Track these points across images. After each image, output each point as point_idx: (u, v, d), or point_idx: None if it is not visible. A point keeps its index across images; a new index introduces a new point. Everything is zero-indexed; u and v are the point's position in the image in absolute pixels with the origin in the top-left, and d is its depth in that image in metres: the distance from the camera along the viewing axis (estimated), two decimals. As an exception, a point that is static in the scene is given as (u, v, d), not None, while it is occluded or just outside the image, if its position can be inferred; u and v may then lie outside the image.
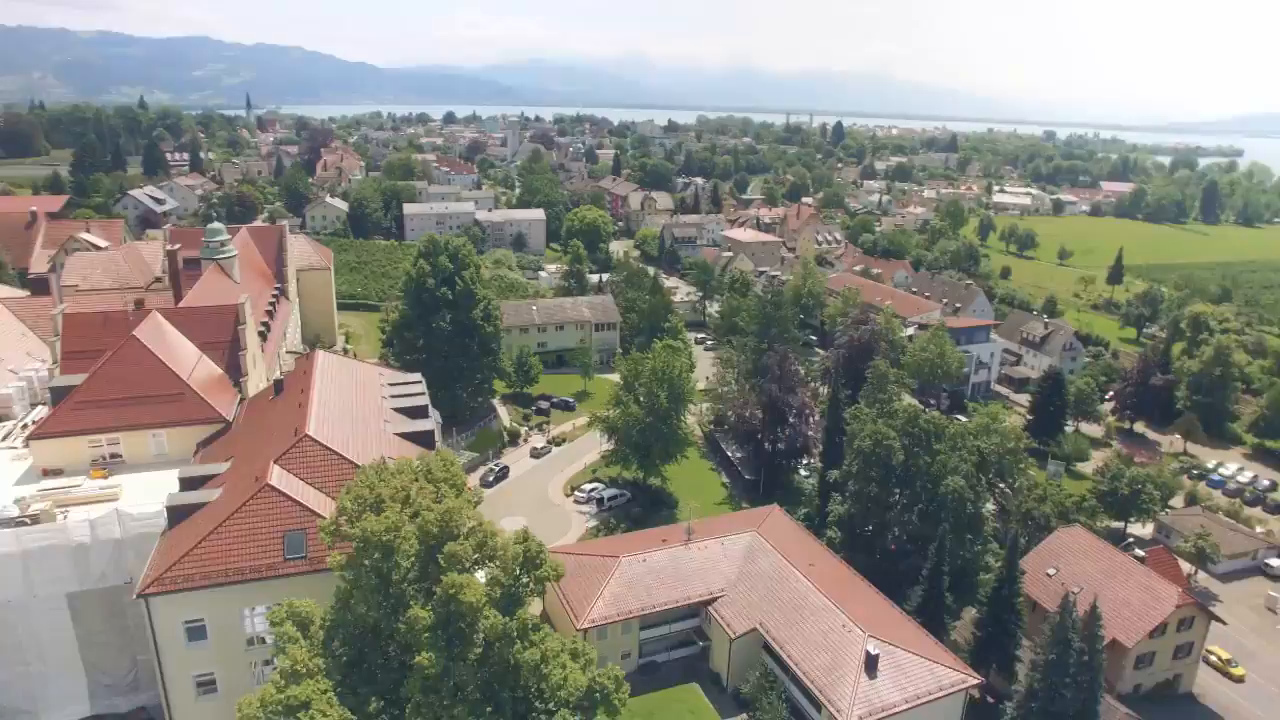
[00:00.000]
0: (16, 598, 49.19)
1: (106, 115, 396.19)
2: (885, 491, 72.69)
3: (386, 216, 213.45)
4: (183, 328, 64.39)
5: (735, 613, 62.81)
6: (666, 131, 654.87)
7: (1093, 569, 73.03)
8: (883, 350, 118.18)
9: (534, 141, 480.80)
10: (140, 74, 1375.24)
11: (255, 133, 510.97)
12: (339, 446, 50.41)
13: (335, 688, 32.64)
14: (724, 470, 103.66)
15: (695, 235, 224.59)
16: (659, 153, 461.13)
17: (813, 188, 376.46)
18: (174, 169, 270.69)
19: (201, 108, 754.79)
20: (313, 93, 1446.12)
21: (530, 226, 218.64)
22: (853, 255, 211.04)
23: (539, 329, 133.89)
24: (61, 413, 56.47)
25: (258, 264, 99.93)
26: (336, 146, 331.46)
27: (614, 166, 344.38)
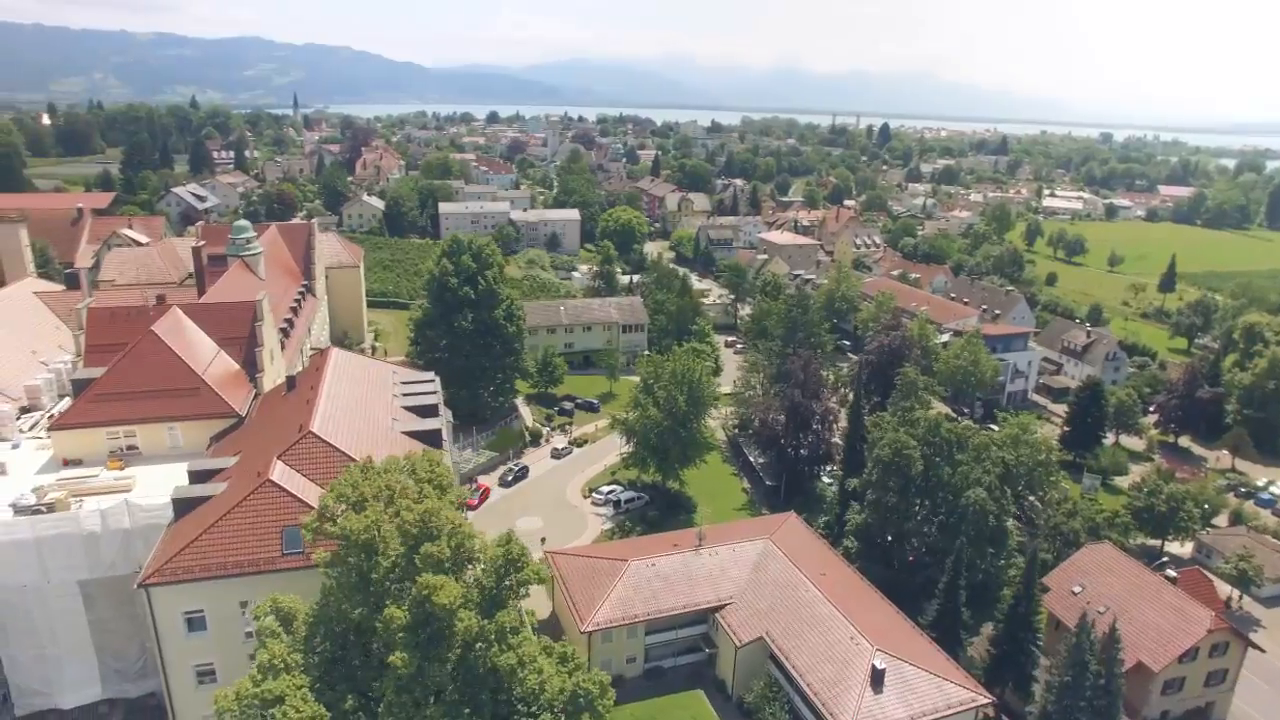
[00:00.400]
0: (32, 583, 50.43)
1: (159, 114, 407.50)
2: (904, 502, 70.98)
3: (422, 215, 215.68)
4: (202, 323, 65.44)
5: (742, 620, 61.82)
6: (709, 132, 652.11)
7: (1120, 588, 70.37)
8: (914, 357, 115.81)
9: (575, 142, 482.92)
10: (195, 74, 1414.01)
11: (301, 131, 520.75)
12: (343, 443, 50.68)
13: (313, 684, 32.64)
14: (746, 475, 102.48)
15: (731, 237, 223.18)
16: (700, 154, 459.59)
17: (855, 190, 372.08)
18: (219, 167, 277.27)
19: (251, 107, 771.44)
20: (360, 92, 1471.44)
21: (565, 227, 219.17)
22: (891, 259, 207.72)
23: (566, 329, 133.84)
24: (81, 405, 57.77)
25: (286, 261, 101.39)
26: (377, 146, 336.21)
27: (653, 167, 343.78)
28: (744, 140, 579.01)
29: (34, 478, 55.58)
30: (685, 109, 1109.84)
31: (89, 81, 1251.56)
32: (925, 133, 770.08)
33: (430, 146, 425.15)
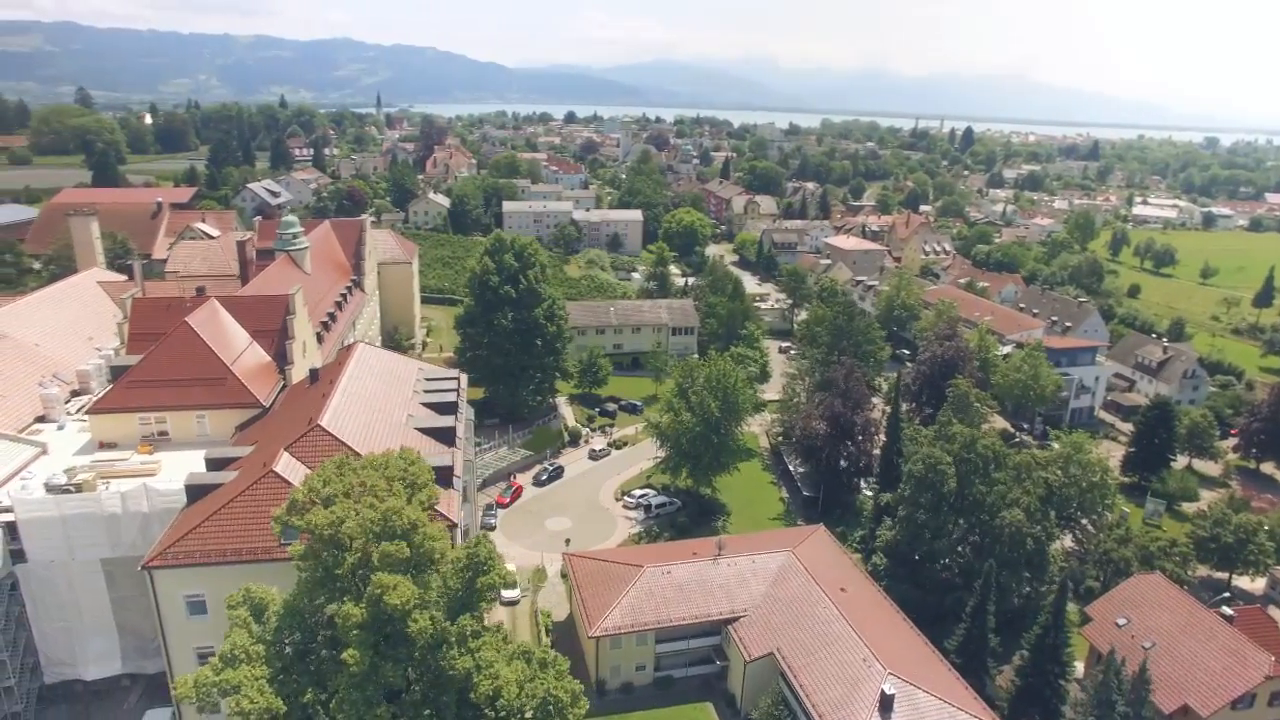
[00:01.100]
0: (59, 559, 52.72)
1: (249, 113, 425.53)
2: (935, 520, 68.01)
3: (486, 213, 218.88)
4: (237, 314, 67.41)
5: (754, 634, 60.17)
6: (787, 135, 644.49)
7: (1169, 623, 65.76)
8: (969, 368, 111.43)
9: (649, 143, 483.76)
10: (289, 74, 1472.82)
11: (383, 130, 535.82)
12: (351, 437, 51.28)
13: (275, 675, 32.88)
14: (785, 485, 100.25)
15: (796, 241, 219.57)
16: (776, 156, 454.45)
17: (932, 195, 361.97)
18: (298, 164, 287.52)
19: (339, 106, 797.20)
20: (444, 92, 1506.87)
21: (628, 227, 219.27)
22: (960, 267, 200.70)
23: (615, 330, 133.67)
24: (117, 390, 60.17)
25: (336, 256, 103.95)
26: (449, 144, 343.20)
27: (723, 170, 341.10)
28: (821, 143, 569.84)
29: (71, 458, 58.20)
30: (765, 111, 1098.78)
31: (194, 83, 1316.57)
32: (1012, 137, 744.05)
33: (505, 146, 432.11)
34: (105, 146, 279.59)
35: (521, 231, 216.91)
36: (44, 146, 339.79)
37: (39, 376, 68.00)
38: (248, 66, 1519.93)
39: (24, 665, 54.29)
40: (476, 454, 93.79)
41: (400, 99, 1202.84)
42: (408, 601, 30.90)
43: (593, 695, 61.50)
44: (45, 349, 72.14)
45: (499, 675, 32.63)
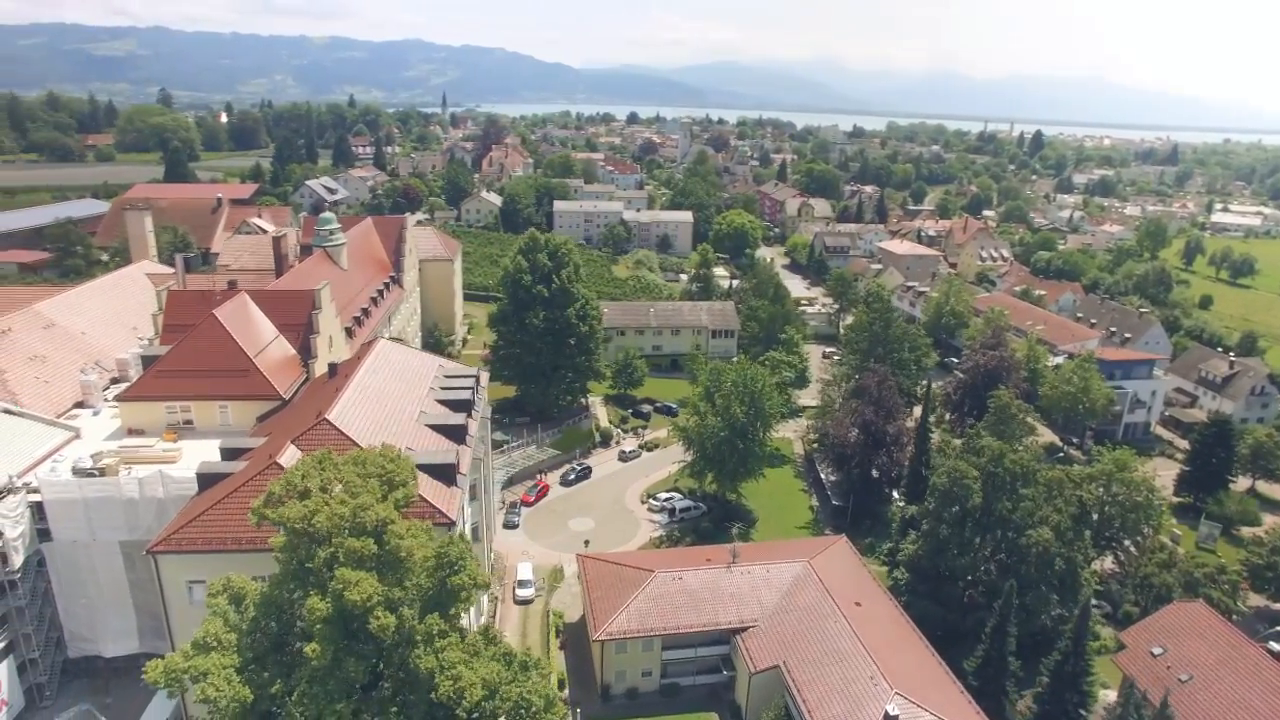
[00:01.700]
0: (81, 539, 54.67)
1: (318, 112, 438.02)
2: (959, 535, 65.65)
3: (538, 212, 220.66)
4: (265, 309, 68.98)
5: (761, 646, 58.93)
6: (850, 137, 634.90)
7: (1210, 656, 62.12)
8: (1014, 379, 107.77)
9: (709, 144, 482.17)
10: (361, 75, 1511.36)
11: (447, 129, 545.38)
12: (357, 432, 51.82)
13: (248, 664, 33.28)
14: (816, 493, 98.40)
15: (848, 245, 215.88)
16: (838, 158, 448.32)
17: (996, 200, 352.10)
18: (359, 162, 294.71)
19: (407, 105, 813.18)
20: (511, 92, 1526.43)
21: (677, 228, 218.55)
22: (1018, 274, 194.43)
23: (655, 332, 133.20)
24: (145, 379, 62.14)
25: (376, 252, 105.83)
26: (507, 144, 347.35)
27: (780, 172, 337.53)
28: (885, 146, 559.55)
29: (101, 443, 60.28)
30: (831, 113, 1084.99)
31: (270, 83, 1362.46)
32: (1086, 141, 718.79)
33: (565, 146, 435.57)
34: (180, 144, 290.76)
35: (571, 231, 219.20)
36: (127, 144, 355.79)
37: (82, 364, 70.76)
38: (322, 67, 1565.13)
39: (49, 639, 56.45)
40: (504, 452, 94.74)
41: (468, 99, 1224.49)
42: (370, 598, 30.94)
43: (597, 699, 61.55)
44: (90, 337, 75.07)
45: (461, 677, 32.38)
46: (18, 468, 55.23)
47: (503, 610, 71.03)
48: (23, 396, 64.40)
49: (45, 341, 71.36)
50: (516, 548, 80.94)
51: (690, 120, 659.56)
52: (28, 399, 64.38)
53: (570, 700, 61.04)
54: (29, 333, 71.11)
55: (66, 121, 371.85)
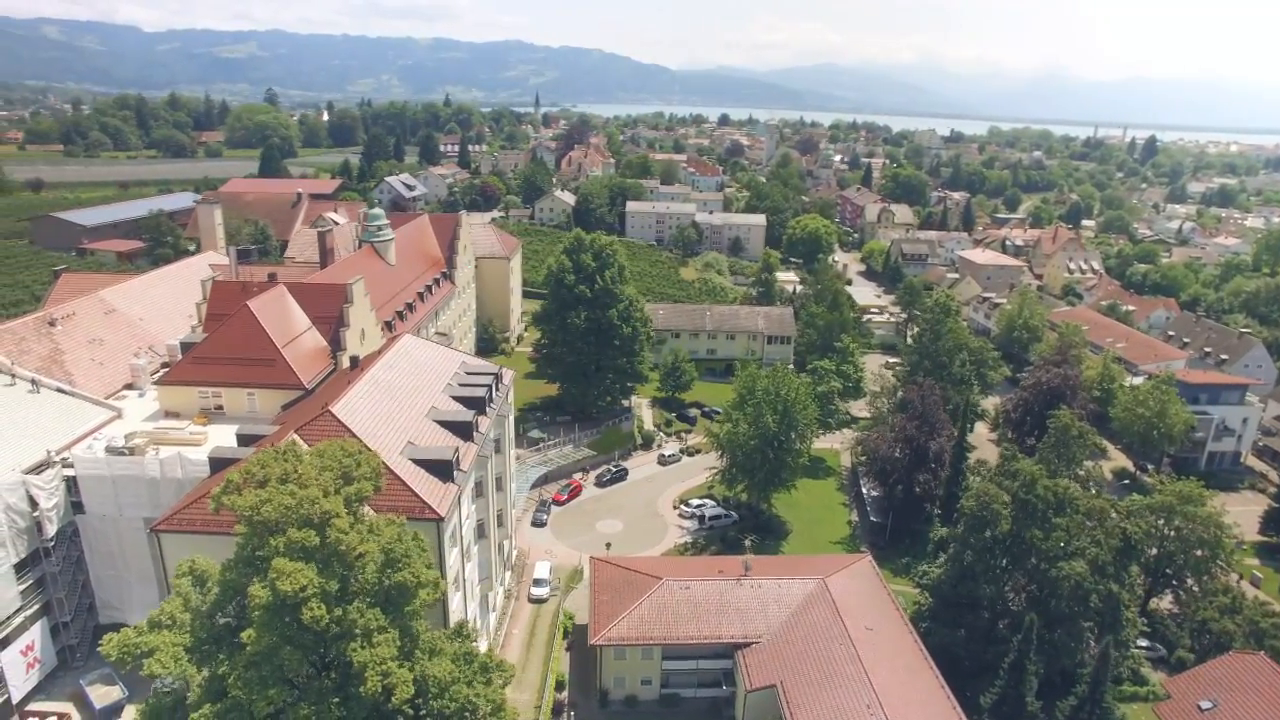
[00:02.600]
0: (109, 514, 57.76)
1: (414, 110, 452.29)
2: (984, 562, 62.17)
3: (611, 212, 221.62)
4: (300, 301, 71.23)
5: (761, 663, 57.20)
6: (947, 142, 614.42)
7: (1264, 716, 56.95)
8: (1080, 399, 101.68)
9: (798, 147, 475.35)
10: (463, 74, 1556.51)
11: (538, 128, 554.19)
12: (360, 425, 52.68)
13: (200, 645, 34.17)
14: (857, 508, 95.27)
15: (927, 253, 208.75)
16: (932, 163, 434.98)
17: (1097, 210, 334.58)
18: (445, 160, 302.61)
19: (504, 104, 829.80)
20: (608, 93, 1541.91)
21: (750, 231, 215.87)
22: (1107, 288, 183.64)
23: (709, 335, 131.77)
24: (181, 365, 65.06)
25: (429, 249, 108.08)
26: (592, 144, 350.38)
27: (864, 176, 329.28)
28: (983, 151, 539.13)
29: (139, 424, 63.48)
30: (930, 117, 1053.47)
31: (377, 82, 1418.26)
32: (1209, 147, 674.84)
33: (653, 146, 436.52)
34: (281, 141, 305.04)
35: (643, 232, 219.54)
36: (236, 141, 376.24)
37: (136, 348, 74.79)
38: (426, 67, 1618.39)
39: (81, 605, 59.87)
40: (539, 449, 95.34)
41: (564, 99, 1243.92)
42: (304, 589, 31.28)
43: (595, 704, 61.06)
44: (147, 323, 79.20)
45: (390, 674, 32.39)
46: (60, 443, 58.74)
47: (516, 607, 71.38)
48: (77, 376, 68.46)
49: (105, 326, 75.72)
50: (540, 546, 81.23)
51: (781, 123, 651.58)
52: (81, 379, 68.40)
53: (568, 703, 60.86)
54: (91, 317, 75.59)
55: (184, 120, 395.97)
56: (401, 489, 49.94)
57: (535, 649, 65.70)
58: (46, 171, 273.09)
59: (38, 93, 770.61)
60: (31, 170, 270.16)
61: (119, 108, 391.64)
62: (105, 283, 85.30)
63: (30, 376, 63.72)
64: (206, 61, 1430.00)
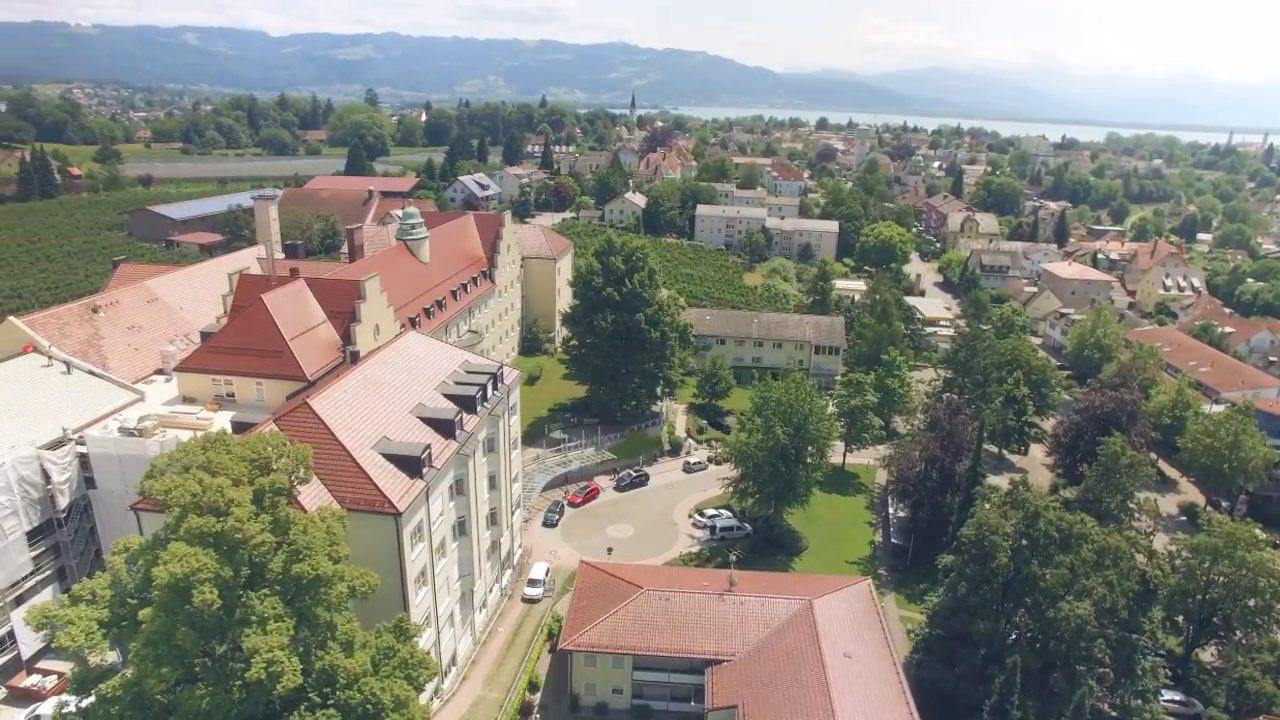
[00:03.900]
0: (118, 491, 61.02)
1: (508, 111, 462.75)
2: (980, 597, 58.59)
3: (681, 215, 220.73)
4: (318, 295, 73.74)
5: (726, 682, 55.55)
6: (1057, 149, 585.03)
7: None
8: (1139, 426, 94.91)
9: (895, 153, 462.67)
10: (567, 76, 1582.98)
11: (633, 130, 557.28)
12: (336, 418, 54.03)
13: (118, 620, 35.60)
14: (882, 529, 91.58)
15: (1008, 264, 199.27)
16: (1036, 171, 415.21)
17: (1218, 222, 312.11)
18: (527, 160, 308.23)
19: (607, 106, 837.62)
20: (710, 96, 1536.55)
21: (821, 238, 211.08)
22: (1205, 307, 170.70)
23: (755, 343, 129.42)
24: (198, 353, 68.39)
25: (471, 248, 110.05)
26: (676, 145, 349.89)
27: (955, 184, 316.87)
28: (1094, 159, 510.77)
29: (158, 407, 67.05)
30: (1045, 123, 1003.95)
31: (483, 83, 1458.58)
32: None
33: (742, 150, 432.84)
34: (374, 140, 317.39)
35: (712, 236, 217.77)
36: (336, 139, 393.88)
37: (172, 336, 79.02)
38: (531, 69, 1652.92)
39: (93, 572, 63.42)
40: (560, 450, 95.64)
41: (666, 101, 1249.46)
42: (194, 573, 32.22)
43: (566, 709, 60.75)
44: (186, 313, 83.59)
45: (277, 661, 32.94)
46: (80, 421, 62.71)
47: (508, 606, 71.80)
48: (112, 360, 72.90)
49: (145, 314, 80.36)
50: (545, 547, 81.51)
51: (883, 127, 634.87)
52: (115, 363, 72.79)
53: (539, 705, 60.76)
54: (133, 305, 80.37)
55: (291, 119, 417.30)
56: (364, 482, 51.00)
57: (516, 648, 65.92)
58: (161, 168, 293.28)
59: (175, 95, 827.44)
60: (149, 167, 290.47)
61: (233, 108, 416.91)
62: (159, 274, 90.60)
63: (64, 359, 68.41)
64: (325, 64, 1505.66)
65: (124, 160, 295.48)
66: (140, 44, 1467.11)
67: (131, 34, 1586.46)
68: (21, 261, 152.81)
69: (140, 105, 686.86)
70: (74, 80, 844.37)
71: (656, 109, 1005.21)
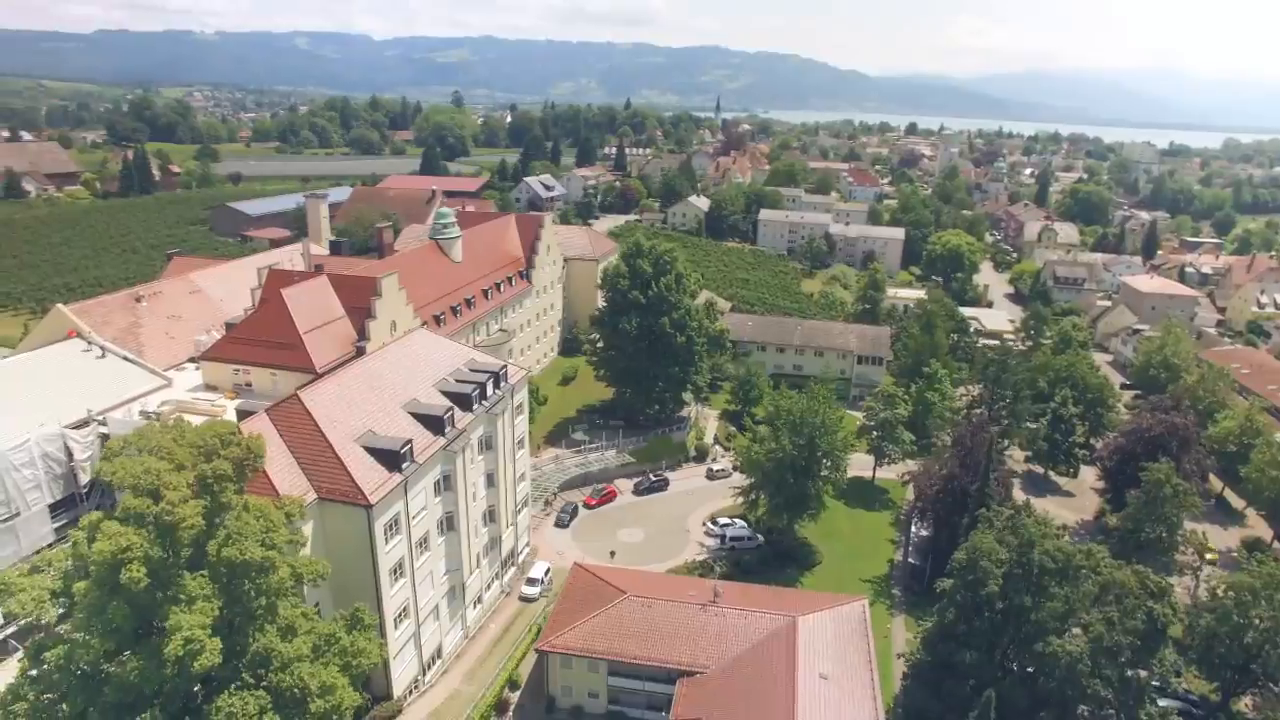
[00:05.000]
0: (135, 472, 64.67)
1: (591, 113, 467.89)
2: (967, 625, 55.99)
3: (745, 220, 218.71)
4: (339, 291, 76.27)
5: (694, 695, 54.73)
6: (1164, 155, 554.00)
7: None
8: (1193, 453, 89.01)
9: (981, 159, 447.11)
10: (659, 79, 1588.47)
11: (716, 133, 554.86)
12: (324, 410, 55.91)
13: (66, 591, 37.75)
14: (902, 547, 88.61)
15: (1084, 277, 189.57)
16: (1138, 180, 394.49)
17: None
18: (601, 161, 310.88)
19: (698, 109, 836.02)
20: (801, 99, 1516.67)
21: (886, 245, 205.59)
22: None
23: (797, 351, 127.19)
24: (220, 343, 71.73)
25: (509, 248, 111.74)
26: (750, 149, 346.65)
27: (1039, 192, 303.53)
28: (1204, 167, 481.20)
29: (183, 393, 70.65)
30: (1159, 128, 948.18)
31: (576, 85, 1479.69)
32: None
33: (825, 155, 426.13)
34: (454, 140, 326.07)
35: (775, 241, 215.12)
36: (422, 140, 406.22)
37: (208, 326, 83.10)
38: (624, 71, 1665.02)
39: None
40: (580, 452, 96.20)
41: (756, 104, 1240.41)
42: (124, 551, 33.95)
43: (543, 709, 61.07)
44: (225, 304, 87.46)
45: (195, 639, 34.31)
46: (106, 404, 66.66)
47: (504, 603, 72.64)
48: (147, 347, 77.20)
49: (185, 304, 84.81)
50: (552, 547, 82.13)
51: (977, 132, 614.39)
52: (150, 350, 77.05)
53: (516, 703, 61.28)
54: (176, 296, 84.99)
55: (382, 120, 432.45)
56: (341, 473, 52.57)
57: (504, 646, 66.64)
58: (254, 166, 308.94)
59: (284, 96, 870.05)
60: (242, 165, 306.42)
61: (327, 109, 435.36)
62: (207, 266, 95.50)
63: (100, 344, 72.82)
64: (424, 66, 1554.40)
65: (221, 159, 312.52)
66: (256, 49, 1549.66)
67: (249, 39, 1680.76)
68: (109, 253, 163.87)
69: (250, 106, 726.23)
70: (195, 83, 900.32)
71: (745, 112, 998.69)
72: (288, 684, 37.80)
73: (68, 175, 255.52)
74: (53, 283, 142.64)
